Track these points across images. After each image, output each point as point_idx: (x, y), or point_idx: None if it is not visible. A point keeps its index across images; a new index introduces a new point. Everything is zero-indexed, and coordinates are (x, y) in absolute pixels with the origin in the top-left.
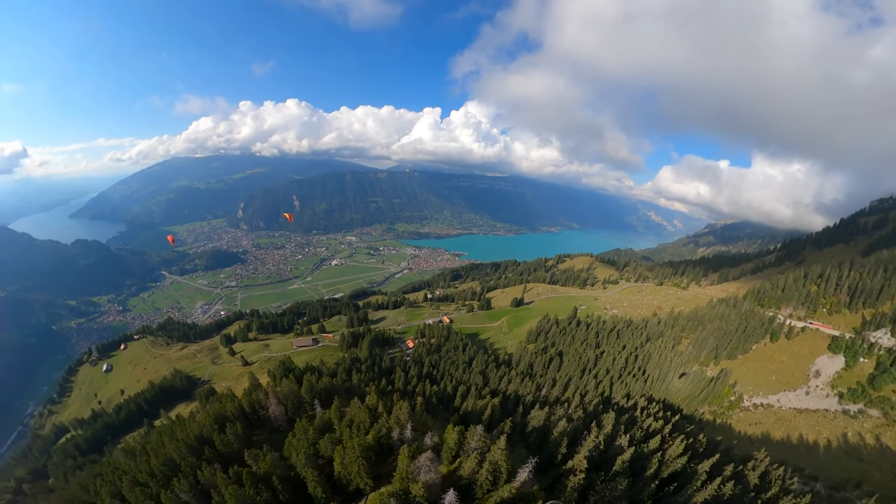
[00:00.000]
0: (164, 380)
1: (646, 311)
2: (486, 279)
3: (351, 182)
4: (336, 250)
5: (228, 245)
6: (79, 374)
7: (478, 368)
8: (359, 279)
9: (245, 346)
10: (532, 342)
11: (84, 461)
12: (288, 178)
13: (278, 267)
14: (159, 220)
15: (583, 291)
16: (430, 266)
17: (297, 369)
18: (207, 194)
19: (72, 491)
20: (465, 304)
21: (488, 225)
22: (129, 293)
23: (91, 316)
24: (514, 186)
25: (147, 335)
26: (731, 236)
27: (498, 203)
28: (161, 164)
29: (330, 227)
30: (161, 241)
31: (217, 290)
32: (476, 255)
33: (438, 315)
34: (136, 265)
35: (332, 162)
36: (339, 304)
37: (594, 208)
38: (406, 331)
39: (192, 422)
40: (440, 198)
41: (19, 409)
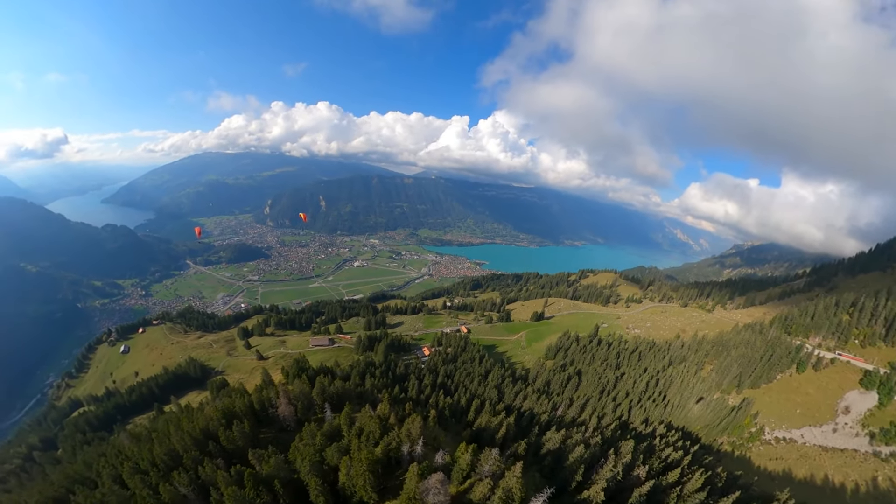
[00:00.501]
0: (179, 367)
1: (669, 333)
2: (506, 290)
3: (377, 186)
4: (359, 252)
5: (253, 240)
6: (97, 353)
7: (493, 382)
8: (379, 282)
9: (261, 340)
10: (551, 358)
11: (93, 437)
12: (316, 178)
13: (301, 264)
14: (187, 211)
15: (605, 309)
16: (451, 273)
17: (311, 369)
18: (236, 189)
19: (76, 467)
20: (483, 314)
21: (511, 235)
22: (153, 279)
23: (114, 297)
24: (539, 198)
25: (166, 321)
26: (758, 258)
27: (522, 214)
28: (192, 158)
29: (354, 229)
30: (188, 232)
31: (239, 283)
32: (497, 265)
33: (456, 324)
34: (162, 253)
35: (360, 165)
36: (357, 306)
37: (620, 224)
38: (423, 338)
39: (200, 414)
40: (464, 206)
41: (40, 378)
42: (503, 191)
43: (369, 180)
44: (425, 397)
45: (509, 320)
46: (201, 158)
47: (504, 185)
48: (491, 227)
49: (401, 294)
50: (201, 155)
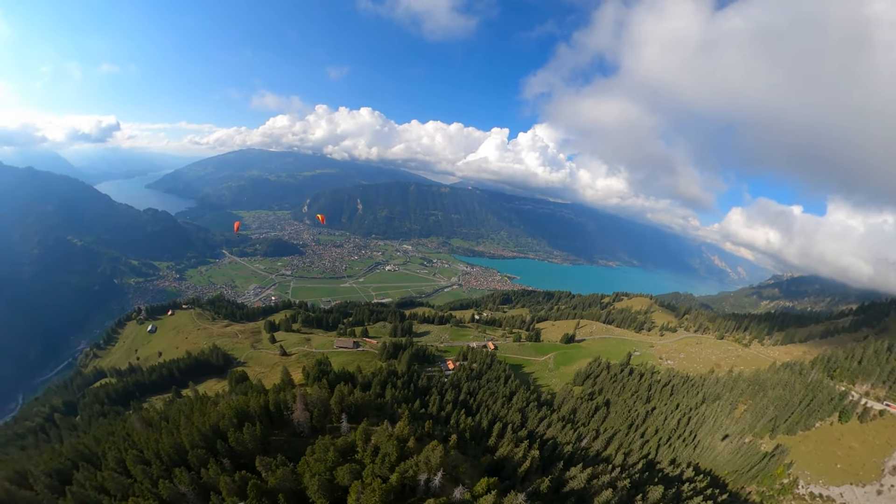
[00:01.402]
0: (202, 352)
1: (703, 367)
2: (536, 308)
3: (414, 193)
4: (391, 256)
5: (290, 236)
6: (126, 328)
7: (517, 405)
8: (409, 287)
9: (287, 336)
10: (579, 385)
11: (109, 410)
12: (355, 182)
13: (334, 264)
14: (228, 202)
15: (638, 336)
16: (481, 285)
17: (332, 372)
18: (277, 186)
19: (86, 440)
20: (512, 331)
21: (545, 251)
22: (188, 264)
23: (149, 277)
24: (575, 215)
25: (195, 307)
26: (798, 291)
27: (557, 230)
28: (236, 153)
29: (388, 234)
30: (227, 222)
31: (272, 276)
32: (529, 280)
33: (483, 339)
34: (199, 240)
35: (398, 172)
36: (385, 311)
37: (656, 246)
38: (448, 350)
39: (213, 409)
40: (499, 218)
41: (73, 343)
42: (539, 205)
43: (406, 187)
44: (446, 415)
45: (538, 340)
46: (245, 154)
47: (540, 200)
48: (525, 241)
49: (429, 302)
50: (245, 151)
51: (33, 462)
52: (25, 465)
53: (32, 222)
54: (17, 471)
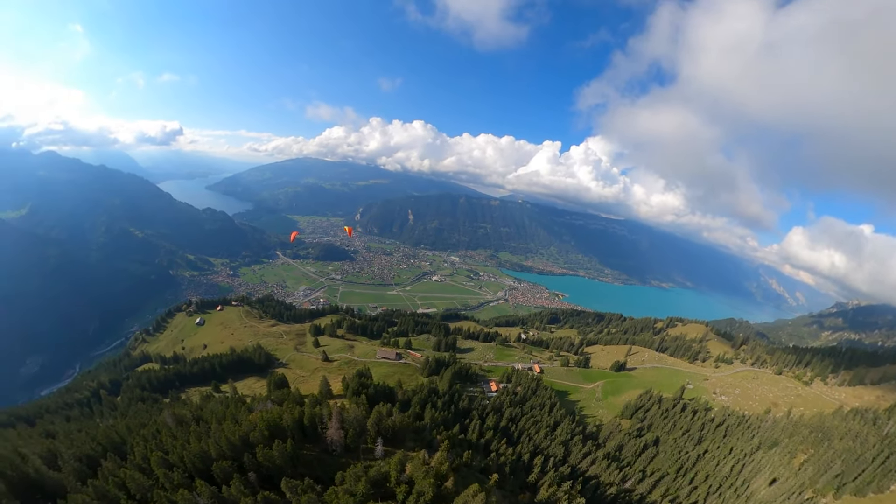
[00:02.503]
0: (245, 350)
1: (759, 405)
2: (585, 329)
3: (464, 205)
4: (439, 267)
5: (341, 242)
6: (175, 318)
7: (561, 437)
8: (454, 299)
9: (331, 341)
10: (627, 418)
11: (148, 396)
12: (406, 192)
13: (382, 271)
14: (284, 207)
15: (692, 367)
16: (527, 301)
17: (372, 386)
18: (331, 194)
19: (119, 428)
20: (560, 354)
21: (596, 269)
22: (242, 262)
23: (204, 271)
24: (629, 232)
25: (244, 304)
26: (866, 322)
27: (609, 247)
28: (293, 161)
29: (437, 245)
30: (282, 225)
31: (322, 280)
32: (578, 298)
33: (529, 361)
34: (254, 240)
35: (449, 184)
36: (430, 323)
37: (711, 268)
38: (492, 370)
39: (245, 417)
40: (549, 233)
41: (127, 325)
42: (591, 221)
43: (457, 199)
44: (486, 442)
45: (587, 366)
46: (302, 162)
47: (592, 216)
48: (575, 257)
49: (474, 315)
50: (302, 159)
51: (66, 443)
52: (58, 445)
53: (101, 213)
54: (50, 450)
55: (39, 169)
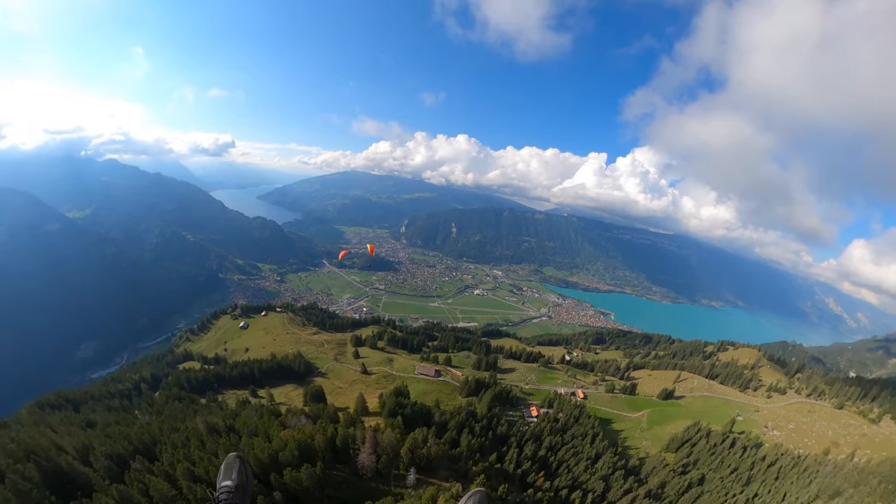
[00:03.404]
0: (285, 357)
1: (816, 444)
2: (632, 351)
3: (508, 218)
4: (481, 281)
5: (386, 253)
6: (220, 321)
7: (602, 471)
8: (496, 314)
9: (371, 353)
10: (672, 451)
11: (185, 395)
12: (450, 206)
13: (425, 283)
14: (332, 218)
15: (743, 396)
16: (571, 319)
17: (409, 406)
18: (377, 206)
19: (152, 429)
20: (605, 379)
21: (643, 286)
22: (290, 269)
23: (252, 276)
24: (678, 247)
25: (288, 311)
26: None
27: (658, 263)
28: (341, 174)
29: (480, 258)
30: (329, 235)
31: (366, 289)
32: (624, 317)
33: (573, 385)
34: (302, 249)
35: (493, 197)
36: (471, 340)
37: (763, 285)
38: (533, 393)
39: (277, 433)
40: (595, 248)
41: (174, 322)
42: (639, 235)
43: (500, 212)
44: (523, 472)
45: (633, 393)
46: (349, 175)
47: (640, 230)
48: (622, 274)
49: (516, 332)
50: (349, 172)
51: (99, 438)
52: (93, 439)
53: (156, 217)
54: (84, 444)
55: (102, 175)
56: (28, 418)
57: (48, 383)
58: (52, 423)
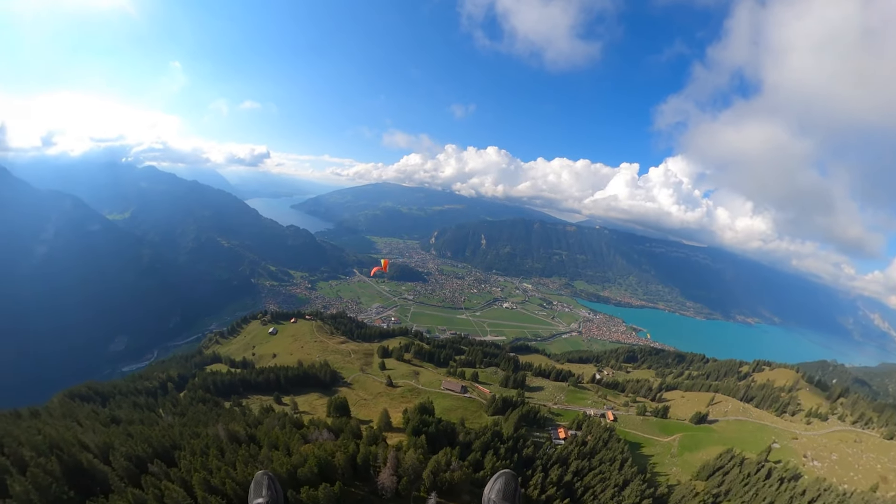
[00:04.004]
0: (312, 365)
1: (863, 479)
2: (664, 371)
3: (538, 231)
4: (510, 294)
5: (416, 263)
6: (249, 325)
7: (629, 499)
8: (524, 328)
9: (397, 365)
10: (703, 479)
11: (210, 398)
12: (480, 217)
13: (454, 294)
14: (363, 228)
15: (780, 421)
16: (602, 335)
17: (433, 424)
18: (408, 218)
19: (173, 433)
20: (636, 400)
21: (677, 302)
22: (321, 277)
23: (283, 282)
24: (712, 260)
25: (317, 319)
26: None
27: (692, 277)
28: (373, 185)
29: (509, 271)
30: (360, 245)
31: (395, 299)
32: (656, 333)
33: (603, 406)
34: (333, 258)
35: (523, 209)
36: (499, 355)
37: (801, 300)
38: (562, 414)
39: (298, 447)
40: (628, 261)
41: (205, 323)
42: (672, 248)
43: (531, 225)
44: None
45: (665, 416)
46: (381, 187)
47: (674, 242)
48: (655, 289)
49: (545, 348)
50: (381, 184)
51: (121, 438)
52: (114, 438)
53: (192, 222)
54: (105, 442)
55: (142, 180)
56: (58, 409)
57: (82, 373)
58: (79, 415)
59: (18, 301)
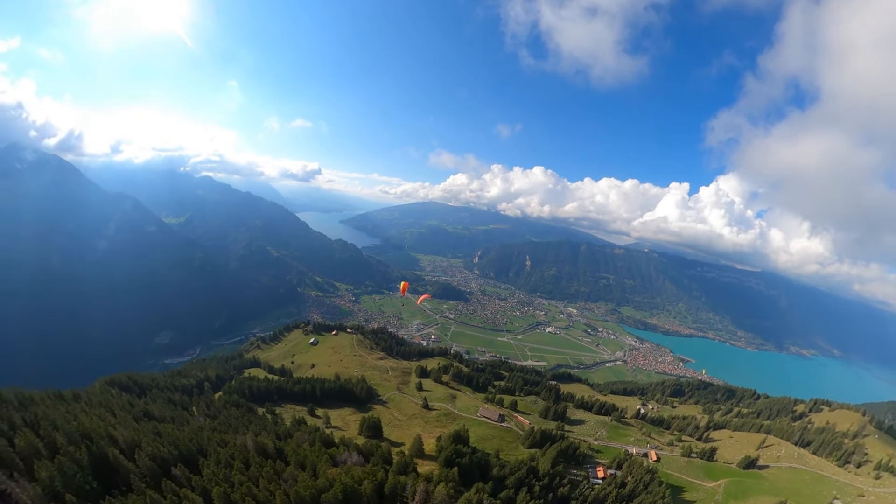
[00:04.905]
0: (348, 380)
1: None
2: (712, 407)
3: (585, 253)
4: (554, 318)
5: (458, 282)
6: (291, 333)
7: None
8: (567, 355)
9: (434, 387)
10: None
11: (244, 403)
12: (525, 238)
13: (495, 316)
14: (408, 245)
15: (842, 473)
16: (648, 365)
17: (467, 456)
18: (452, 236)
19: (201, 437)
20: (681, 439)
21: (728, 331)
22: (365, 290)
23: (328, 293)
24: (766, 286)
25: (358, 333)
26: None
27: (744, 305)
28: (420, 204)
29: (554, 294)
30: (405, 262)
31: (436, 317)
32: (704, 364)
33: (646, 445)
34: (378, 272)
35: (570, 230)
36: (540, 383)
37: (865, 329)
38: (602, 451)
39: (325, 470)
40: (677, 287)
41: (249, 327)
42: (724, 273)
43: (577, 246)
44: None
45: (712, 459)
46: (427, 206)
47: (726, 267)
48: (705, 316)
49: (587, 377)
50: (427, 203)
51: (148, 437)
52: (142, 436)
53: (244, 231)
54: (134, 438)
55: (198, 189)
56: (97, 395)
57: (127, 358)
58: (115, 405)
59: (80, 286)
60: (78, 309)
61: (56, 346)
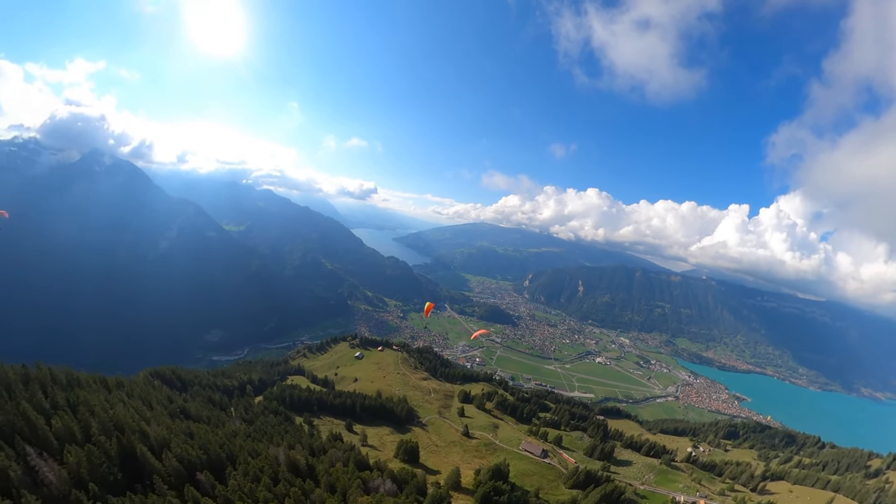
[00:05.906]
0: (389, 398)
1: None
2: (769, 453)
3: (640, 280)
4: (605, 348)
5: (507, 306)
6: (337, 346)
7: None
8: (616, 388)
9: (477, 414)
10: None
11: (282, 411)
12: (578, 262)
13: (543, 342)
14: (458, 265)
15: None
16: (701, 402)
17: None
18: (503, 258)
19: (234, 440)
20: (734, 489)
21: (788, 367)
22: (413, 307)
23: (377, 308)
24: (832, 317)
25: (403, 351)
26: None
27: (806, 338)
28: (471, 225)
29: (606, 322)
30: (455, 281)
31: (482, 340)
32: (761, 404)
33: (695, 493)
34: (427, 291)
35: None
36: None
37: None
38: (648, 497)
39: (354, 499)
40: (736, 317)
41: (298, 334)
42: (785, 303)
43: (632, 273)
44: None
45: None
46: (478, 227)
47: (787, 296)
48: (764, 350)
49: (637, 413)
50: (478, 224)
51: (179, 438)
52: (173, 436)
53: (300, 243)
54: (164, 437)
55: (258, 201)
56: (140, 385)
57: (177, 351)
58: (153, 399)
59: (141, 281)
60: (137, 301)
61: (114, 332)
